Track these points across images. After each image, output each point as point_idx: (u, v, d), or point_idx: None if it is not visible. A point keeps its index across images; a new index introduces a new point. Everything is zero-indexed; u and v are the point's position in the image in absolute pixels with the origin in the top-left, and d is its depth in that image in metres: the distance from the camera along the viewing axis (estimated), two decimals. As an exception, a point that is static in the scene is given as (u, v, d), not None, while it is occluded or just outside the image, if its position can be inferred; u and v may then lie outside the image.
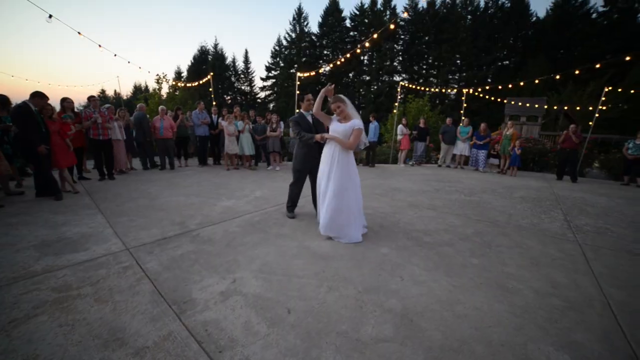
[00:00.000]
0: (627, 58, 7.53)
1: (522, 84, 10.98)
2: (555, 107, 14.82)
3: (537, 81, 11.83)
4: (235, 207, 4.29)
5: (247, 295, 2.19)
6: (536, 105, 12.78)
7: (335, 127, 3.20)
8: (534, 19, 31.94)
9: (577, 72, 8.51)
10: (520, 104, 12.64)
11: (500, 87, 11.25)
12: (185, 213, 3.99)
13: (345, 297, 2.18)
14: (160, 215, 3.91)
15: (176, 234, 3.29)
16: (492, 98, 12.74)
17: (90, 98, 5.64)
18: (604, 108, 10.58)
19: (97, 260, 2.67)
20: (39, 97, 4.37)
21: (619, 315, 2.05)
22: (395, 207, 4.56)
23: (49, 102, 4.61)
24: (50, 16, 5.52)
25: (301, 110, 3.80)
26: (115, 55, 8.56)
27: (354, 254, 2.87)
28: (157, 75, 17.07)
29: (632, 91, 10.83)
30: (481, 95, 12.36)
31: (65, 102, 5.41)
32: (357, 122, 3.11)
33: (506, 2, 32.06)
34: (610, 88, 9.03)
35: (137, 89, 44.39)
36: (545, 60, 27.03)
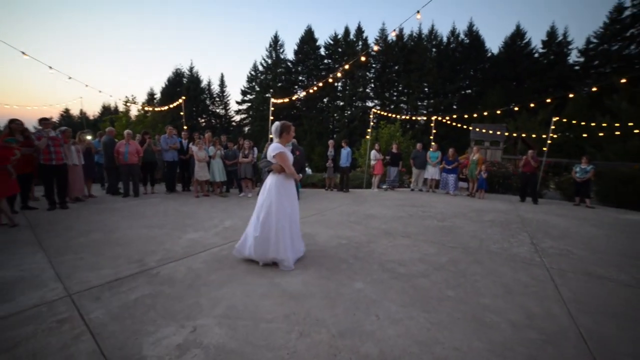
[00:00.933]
0: (570, 95, 8.44)
1: (485, 113, 11.89)
2: (514, 134, 16.14)
3: (499, 112, 12.95)
4: (201, 240, 3.99)
5: (208, 347, 1.93)
6: (498, 132, 13.79)
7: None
8: (490, 54, 35.48)
9: (532, 104, 9.39)
10: (484, 130, 13.56)
11: (466, 115, 12.09)
12: (146, 248, 3.64)
13: (318, 344, 1.99)
14: (116, 251, 3.52)
15: (132, 274, 2.95)
16: (459, 125, 13.56)
17: (42, 120, 5.20)
18: (555, 136, 11.69)
19: (24, 313, 2.25)
20: None
21: (592, 347, 2.04)
22: (370, 235, 4.49)
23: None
24: None
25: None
26: (69, 77, 8.17)
27: (328, 291, 2.70)
28: (126, 97, 16.52)
29: (573, 121, 12.27)
30: (449, 122, 13.14)
31: (14, 123, 4.92)
32: (273, 146, 3.18)
33: (465, 38, 35.46)
34: (557, 118, 10.01)
35: (106, 110, 42.42)
36: (502, 90, 29.81)
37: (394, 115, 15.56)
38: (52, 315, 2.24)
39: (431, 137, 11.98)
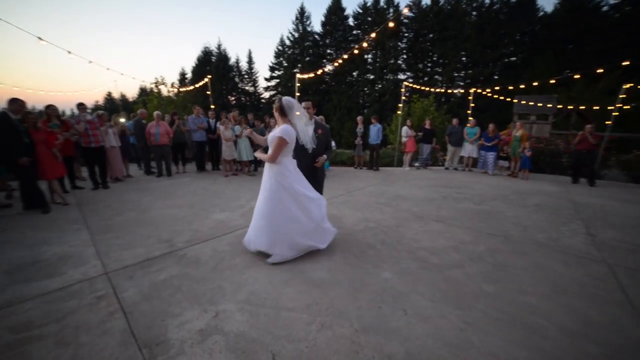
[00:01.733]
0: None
1: (535, 83, 10.45)
2: (570, 107, 14.10)
3: (553, 80, 11.17)
4: (227, 221, 4.03)
5: (229, 334, 1.93)
6: (549, 105, 12.22)
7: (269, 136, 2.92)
8: (541, 14, 31.08)
9: (600, 70, 8.05)
10: (531, 102, 12.13)
11: (510, 87, 10.76)
12: (175, 228, 3.75)
13: (339, 338, 1.89)
14: (149, 231, 3.68)
15: (162, 254, 3.05)
16: (501, 97, 12.24)
17: (79, 105, 5.45)
18: (628, 107, 9.99)
19: (70, 288, 2.44)
20: (16, 103, 4.14)
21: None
22: (400, 218, 4.25)
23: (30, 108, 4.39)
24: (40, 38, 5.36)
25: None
26: (108, 69, 8.63)
27: (352, 280, 2.58)
28: (155, 78, 17.01)
29: None
30: (489, 94, 11.87)
31: (50, 109, 5.19)
32: (280, 128, 2.78)
33: (512, -3, 31.27)
34: (630, 85, 8.46)
35: (143, 92, 44.56)
36: (554, 56, 26.23)
37: (427, 88, 14.36)
38: (92, 292, 2.39)
39: (468, 112, 10.99)
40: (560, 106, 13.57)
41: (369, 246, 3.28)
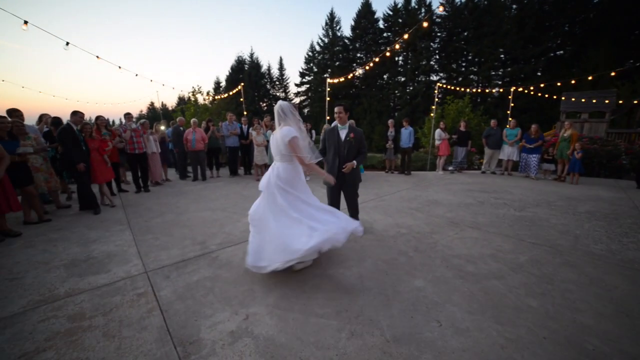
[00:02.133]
0: None
1: (590, 78, 9.43)
2: (635, 102, 12.52)
3: (613, 73, 9.96)
4: (258, 224, 4.13)
5: (259, 337, 1.95)
6: (606, 101, 10.99)
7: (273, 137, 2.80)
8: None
9: None
10: (583, 99, 11.04)
11: (559, 83, 9.86)
12: (208, 231, 3.91)
13: (370, 348, 1.83)
14: (184, 232, 3.87)
15: (196, 256, 3.19)
16: (546, 95, 11.30)
17: (127, 115, 5.94)
18: None
19: (115, 284, 2.63)
20: (77, 115, 4.62)
21: None
22: (433, 224, 4.06)
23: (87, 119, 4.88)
24: (68, 43, 5.91)
25: (336, 123, 3.54)
26: (136, 75, 9.38)
27: (384, 287, 2.50)
28: (192, 87, 18.13)
29: None
30: (532, 92, 11.01)
31: (99, 120, 5.72)
32: (286, 129, 2.63)
33: (560, -14, 28.80)
34: None
35: (181, 100, 47.76)
36: (612, 46, 23.47)
37: (462, 89, 13.67)
38: (133, 289, 2.55)
39: (508, 112, 10.30)
40: (622, 101, 12.18)
41: (400, 253, 3.17)
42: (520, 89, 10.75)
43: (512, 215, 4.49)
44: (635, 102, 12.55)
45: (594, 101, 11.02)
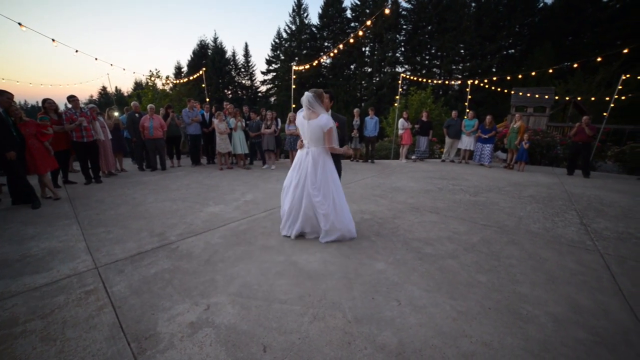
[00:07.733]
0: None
1: (533, 73, 10.42)
2: (567, 98, 14.07)
3: (550, 70, 11.17)
4: (221, 214, 4.00)
5: (220, 327, 1.90)
6: (546, 96, 12.17)
7: (301, 124, 3.03)
8: (541, 4, 30.80)
9: (599, 59, 8.02)
10: (528, 94, 12.08)
11: (509, 77, 10.73)
12: (168, 222, 3.71)
13: (332, 329, 1.88)
14: (141, 224, 3.63)
15: (154, 248, 3.01)
16: (499, 89, 12.18)
17: (70, 98, 5.33)
18: (623, 98, 10.01)
19: (57, 283, 2.39)
20: (3, 95, 4.02)
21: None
22: (395, 210, 4.23)
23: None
24: (20, 24, 5.20)
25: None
26: (96, 59, 8.46)
27: (346, 271, 2.56)
28: (150, 71, 16.74)
29: None
30: (487, 86, 11.81)
31: (47, 102, 5.10)
32: (324, 118, 2.90)
33: (512, -12, 30.85)
34: (628, 76, 8.44)
35: (138, 85, 44.00)
36: (552, 48, 26.06)
37: (425, 80, 14.24)
38: (81, 287, 2.34)
39: (466, 104, 10.93)
40: (558, 97, 13.54)
41: (363, 237, 3.26)
42: (477, 82, 11.45)
43: (467, 200, 4.82)
44: (567, 98, 14.05)
45: (537, 96, 12.12)
